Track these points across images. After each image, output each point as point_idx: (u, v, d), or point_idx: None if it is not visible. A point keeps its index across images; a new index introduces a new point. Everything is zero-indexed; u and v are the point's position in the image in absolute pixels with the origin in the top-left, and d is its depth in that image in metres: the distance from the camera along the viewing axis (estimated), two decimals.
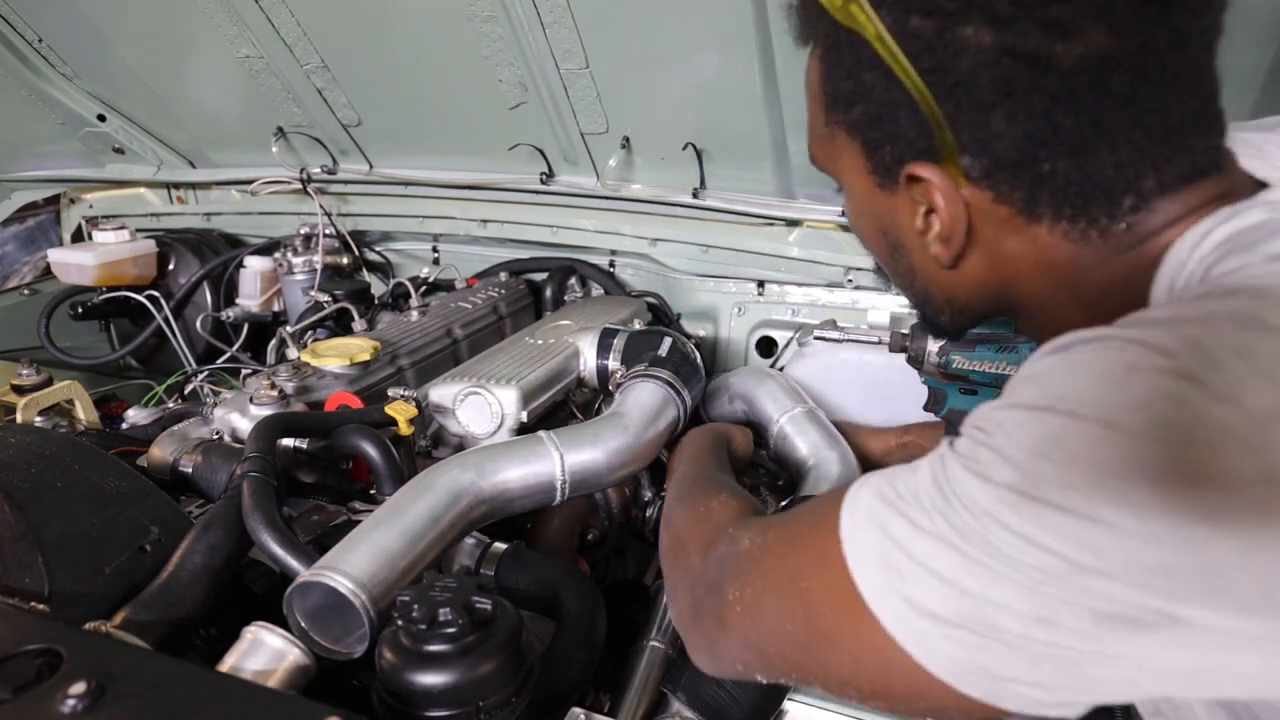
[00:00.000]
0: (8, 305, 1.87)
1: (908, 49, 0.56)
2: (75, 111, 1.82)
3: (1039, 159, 0.57)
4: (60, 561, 0.82)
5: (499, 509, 1.00)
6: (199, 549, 0.89)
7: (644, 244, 1.74)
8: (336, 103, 1.65)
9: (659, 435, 1.14)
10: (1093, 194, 0.57)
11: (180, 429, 1.17)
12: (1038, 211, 0.60)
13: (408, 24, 1.43)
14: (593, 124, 1.51)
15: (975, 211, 0.61)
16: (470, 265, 1.97)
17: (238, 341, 1.82)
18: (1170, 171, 0.57)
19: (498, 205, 1.84)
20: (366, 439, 1.07)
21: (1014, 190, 0.59)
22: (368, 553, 0.82)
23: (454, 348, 1.58)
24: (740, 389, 1.37)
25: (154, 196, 2.12)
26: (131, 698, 0.61)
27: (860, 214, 0.72)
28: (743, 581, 0.64)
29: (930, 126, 0.58)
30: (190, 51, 1.65)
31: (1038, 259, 0.62)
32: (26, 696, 0.61)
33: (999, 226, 0.61)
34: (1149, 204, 0.58)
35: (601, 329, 1.40)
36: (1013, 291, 0.66)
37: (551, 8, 1.29)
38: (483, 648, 0.71)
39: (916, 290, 0.72)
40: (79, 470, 0.92)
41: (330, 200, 1.93)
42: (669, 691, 0.96)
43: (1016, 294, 0.66)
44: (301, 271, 1.83)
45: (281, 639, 0.74)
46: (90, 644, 0.68)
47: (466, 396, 1.22)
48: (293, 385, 1.27)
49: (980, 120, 0.56)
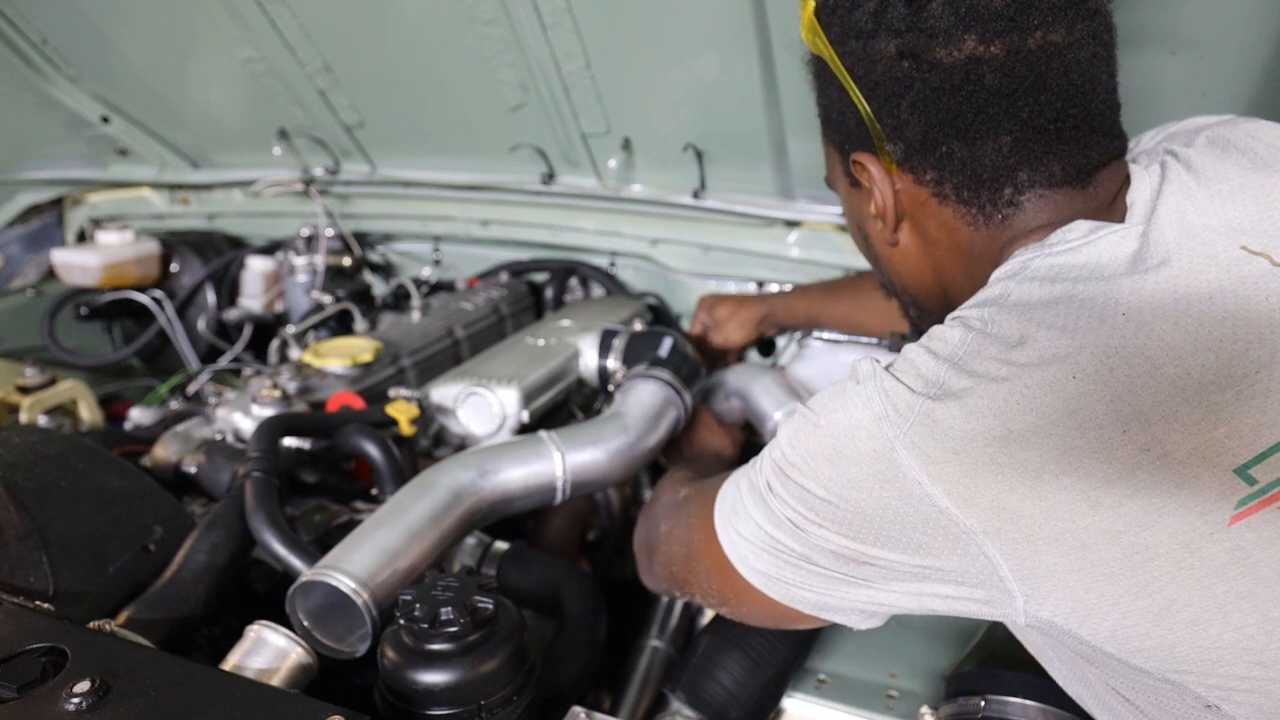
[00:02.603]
0: (13, 306, 1.88)
1: (847, 64, 0.74)
2: (79, 113, 1.83)
3: (939, 141, 0.71)
4: (64, 560, 0.82)
5: (500, 509, 1.00)
6: (202, 548, 0.90)
7: (644, 244, 1.74)
8: (339, 104, 1.66)
9: (660, 435, 1.15)
10: (982, 178, 0.71)
11: (183, 429, 1.18)
12: (945, 192, 0.74)
13: (410, 26, 1.43)
14: (593, 125, 1.51)
15: (904, 195, 0.77)
16: (471, 266, 1.98)
17: (240, 342, 1.83)
18: (1041, 170, 0.70)
19: (499, 206, 1.84)
20: (368, 439, 1.07)
21: (926, 171, 0.74)
22: (370, 552, 0.82)
23: (455, 348, 1.59)
24: (736, 385, 1.37)
25: (157, 198, 2.13)
26: (135, 696, 0.62)
27: (847, 216, 0.89)
28: (669, 521, 0.90)
29: (865, 122, 0.74)
30: (193, 53, 1.66)
31: (950, 240, 0.76)
32: (31, 695, 0.62)
33: (922, 208, 0.76)
34: (1023, 196, 0.71)
35: (602, 329, 1.41)
36: (942, 278, 0.80)
37: (552, 9, 1.30)
38: (484, 647, 0.71)
39: (889, 283, 0.88)
40: (83, 470, 0.92)
41: (332, 201, 1.93)
42: (669, 691, 0.96)
43: (945, 281, 0.80)
44: (304, 272, 1.84)
45: (284, 638, 0.74)
46: (94, 643, 0.68)
47: (468, 396, 1.22)
48: (295, 385, 1.27)
49: (894, 111, 0.72)
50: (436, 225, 1.93)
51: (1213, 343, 0.58)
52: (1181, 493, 0.55)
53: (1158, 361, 0.58)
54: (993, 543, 0.59)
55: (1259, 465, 0.55)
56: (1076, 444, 0.57)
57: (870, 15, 0.71)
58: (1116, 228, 0.66)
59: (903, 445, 0.61)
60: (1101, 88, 0.71)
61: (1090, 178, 0.71)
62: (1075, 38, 0.68)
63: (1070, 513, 0.57)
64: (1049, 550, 0.58)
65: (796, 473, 0.67)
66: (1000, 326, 0.63)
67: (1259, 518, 0.55)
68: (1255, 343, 0.58)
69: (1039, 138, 0.69)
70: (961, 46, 0.67)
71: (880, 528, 0.63)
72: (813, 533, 0.67)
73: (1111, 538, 0.56)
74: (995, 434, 0.58)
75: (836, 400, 0.67)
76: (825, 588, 0.70)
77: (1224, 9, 1.05)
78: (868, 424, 0.63)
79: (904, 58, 0.70)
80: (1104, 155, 0.71)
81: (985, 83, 0.68)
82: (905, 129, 0.72)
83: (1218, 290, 0.61)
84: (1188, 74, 1.13)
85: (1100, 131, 0.71)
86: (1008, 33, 0.67)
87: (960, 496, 0.59)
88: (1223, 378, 0.57)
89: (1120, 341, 0.59)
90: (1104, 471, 0.56)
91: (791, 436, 0.69)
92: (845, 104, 0.76)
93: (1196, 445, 0.56)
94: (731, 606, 0.81)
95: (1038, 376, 0.59)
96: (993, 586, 0.61)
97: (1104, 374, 0.58)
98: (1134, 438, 0.56)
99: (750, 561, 0.74)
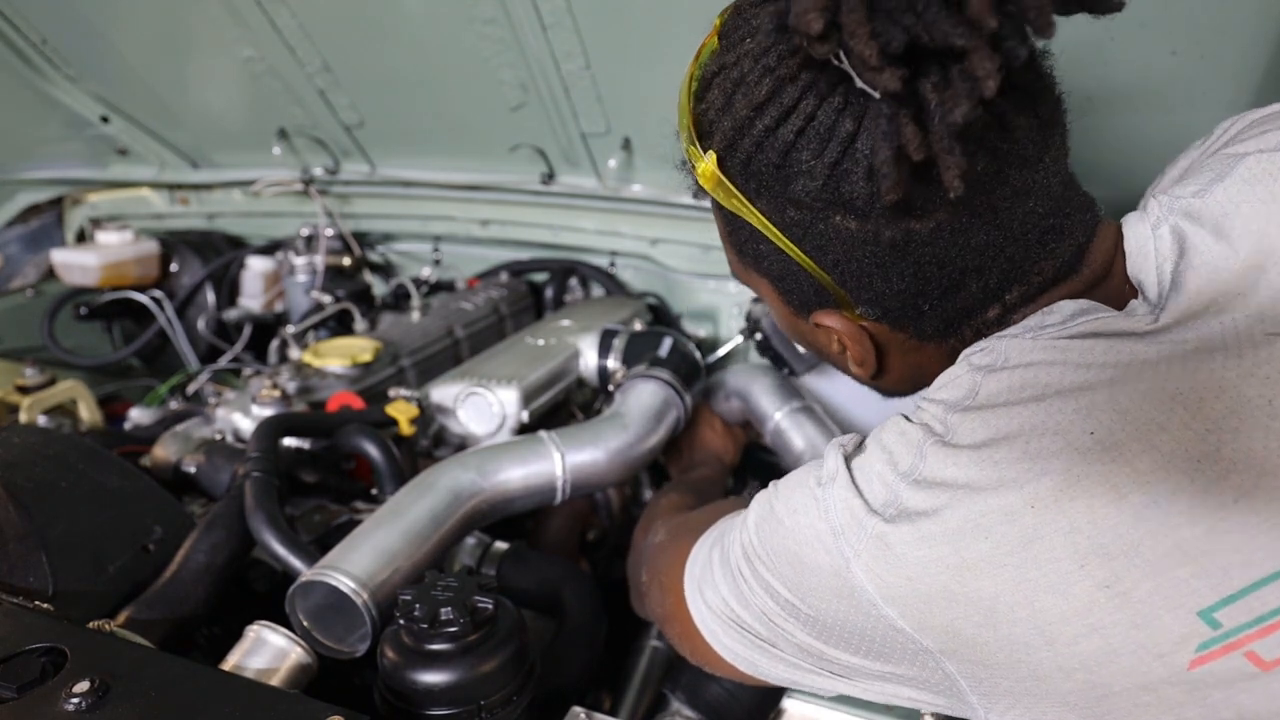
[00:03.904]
0: (12, 306, 1.88)
1: (789, 234, 0.64)
2: (78, 113, 1.83)
3: (920, 303, 0.66)
4: (64, 561, 0.82)
5: (500, 508, 1.00)
6: (202, 548, 0.89)
7: (644, 244, 1.74)
8: (338, 104, 1.66)
9: (660, 435, 1.15)
10: (968, 311, 0.67)
11: (183, 429, 1.18)
12: (926, 333, 0.69)
13: (409, 26, 1.43)
14: (593, 125, 1.51)
15: (879, 337, 0.71)
16: (471, 266, 1.97)
17: (240, 342, 1.83)
18: (1034, 278, 0.65)
19: (499, 206, 1.84)
20: (368, 439, 1.07)
21: (907, 326, 0.69)
22: (369, 552, 0.82)
23: (455, 348, 1.59)
24: (736, 386, 1.37)
25: (157, 197, 2.12)
26: (135, 696, 0.62)
27: (783, 325, 0.80)
28: (649, 570, 0.91)
29: (824, 287, 0.67)
30: (193, 53, 1.66)
31: (941, 363, 0.69)
32: (31, 695, 0.62)
33: (901, 345, 0.71)
34: (1013, 314, 0.66)
35: (602, 329, 1.41)
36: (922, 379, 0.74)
37: (552, 9, 1.30)
38: (484, 647, 0.71)
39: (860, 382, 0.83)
40: (82, 470, 0.92)
41: (332, 201, 1.93)
42: (669, 691, 0.96)
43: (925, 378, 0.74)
44: (303, 272, 1.84)
45: (284, 638, 0.74)
46: (94, 643, 0.68)
47: (467, 396, 1.22)
48: (295, 385, 1.27)
49: (864, 283, 0.65)
50: (436, 225, 1.93)
51: (1189, 466, 0.52)
52: (1140, 634, 0.52)
53: (1122, 490, 0.53)
54: (950, 661, 0.59)
55: (1225, 609, 0.50)
56: (1031, 576, 0.54)
57: (816, 191, 0.60)
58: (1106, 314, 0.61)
59: (858, 565, 0.59)
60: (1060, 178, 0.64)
61: (1082, 261, 0.66)
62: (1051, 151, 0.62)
63: (1025, 645, 0.55)
64: (1005, 675, 0.57)
65: (763, 568, 0.66)
66: (961, 435, 0.59)
67: (1220, 663, 0.50)
68: (1241, 464, 0.52)
69: (1027, 256, 0.64)
70: (937, 215, 0.60)
71: (842, 634, 0.63)
72: (779, 624, 0.67)
73: (1066, 673, 0.54)
74: (949, 562, 0.56)
75: (798, 498, 0.64)
76: (791, 673, 0.70)
77: (1224, 9, 1.05)
78: (826, 537, 0.61)
79: (868, 238, 0.61)
80: (1088, 229, 0.66)
81: (973, 239, 0.61)
82: (880, 299, 0.66)
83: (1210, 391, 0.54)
84: (1188, 74, 1.13)
85: (1080, 209, 0.66)
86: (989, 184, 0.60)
87: (914, 620, 0.58)
88: (1195, 509, 0.51)
89: (1084, 469, 0.54)
90: (1059, 607, 0.53)
91: (759, 526, 0.67)
92: (790, 266, 0.67)
93: (1158, 585, 0.51)
94: (710, 668, 0.80)
95: (994, 504, 0.55)
96: (953, 696, 0.61)
97: (1063, 503, 0.54)
98: (1092, 573, 0.52)
99: (719, 636, 0.73)
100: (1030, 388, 0.58)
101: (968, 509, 0.56)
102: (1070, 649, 0.53)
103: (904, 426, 0.63)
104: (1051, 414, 0.56)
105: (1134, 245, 0.64)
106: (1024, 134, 0.59)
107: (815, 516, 0.62)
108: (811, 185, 0.60)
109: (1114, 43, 1.12)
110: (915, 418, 0.64)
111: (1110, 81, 1.16)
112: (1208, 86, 1.14)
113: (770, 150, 0.60)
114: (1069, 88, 0.66)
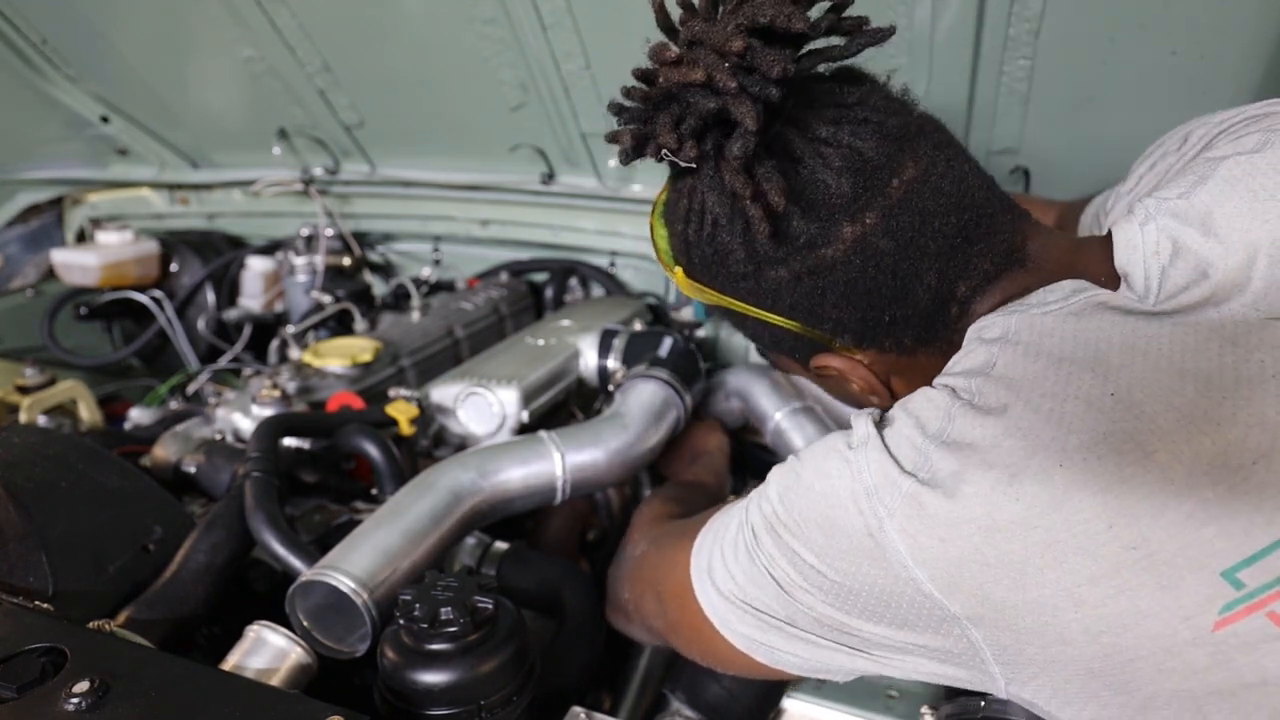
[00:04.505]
0: (12, 306, 1.88)
1: (751, 301, 0.74)
2: (78, 113, 1.83)
3: (879, 316, 0.71)
4: (64, 561, 0.82)
5: (500, 508, 1.00)
6: (202, 548, 0.89)
7: (644, 244, 1.74)
8: (338, 104, 1.66)
9: (660, 435, 1.15)
10: (929, 315, 0.71)
11: (183, 429, 1.18)
12: (905, 345, 0.73)
13: (409, 26, 1.43)
14: (593, 124, 1.51)
15: (874, 365, 0.76)
16: (471, 266, 1.98)
17: (240, 342, 1.83)
18: (975, 273, 0.70)
19: (499, 206, 1.84)
20: (368, 439, 1.07)
21: (883, 341, 0.73)
22: (369, 552, 0.82)
23: (455, 348, 1.59)
24: (736, 386, 1.37)
25: (156, 197, 2.13)
26: (135, 696, 0.62)
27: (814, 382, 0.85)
28: (633, 586, 0.90)
29: (803, 335, 0.75)
30: (193, 53, 1.66)
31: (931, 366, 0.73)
32: (31, 695, 0.62)
33: (895, 365, 0.76)
34: (970, 303, 0.71)
35: (602, 329, 1.41)
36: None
37: (552, 9, 1.30)
38: (484, 647, 0.71)
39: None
40: (82, 470, 0.92)
41: (332, 201, 1.93)
42: (669, 691, 0.96)
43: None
44: (303, 272, 1.84)
45: (284, 638, 0.74)
46: (94, 643, 0.68)
47: (467, 396, 1.22)
48: (295, 385, 1.27)
49: (823, 315, 0.72)
50: (436, 225, 1.94)
51: (1209, 427, 0.55)
52: (1166, 596, 0.53)
53: (1148, 447, 0.55)
54: (976, 628, 0.59)
55: (1247, 569, 0.52)
56: (1061, 538, 0.55)
57: (743, 260, 0.71)
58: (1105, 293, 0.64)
59: (892, 524, 0.60)
60: (974, 177, 0.71)
61: (1023, 253, 0.71)
62: (925, 160, 0.68)
63: (1053, 607, 0.55)
64: (1031, 640, 0.57)
65: (789, 535, 0.66)
66: (986, 398, 0.61)
67: (1244, 624, 0.52)
68: (1257, 427, 0.54)
69: (955, 253, 0.69)
70: (842, 237, 0.68)
71: (867, 602, 0.63)
72: (799, 598, 0.66)
73: (1092, 636, 0.55)
74: (981, 523, 0.57)
75: (831, 463, 0.65)
76: (809, 652, 0.69)
77: (1224, 9, 1.05)
78: (861, 498, 0.62)
79: (800, 278, 0.70)
80: (1021, 230, 0.71)
81: (882, 248, 0.67)
82: (845, 325, 0.72)
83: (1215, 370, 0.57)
84: (1188, 74, 1.14)
85: (1003, 211, 0.71)
86: (870, 200, 0.67)
87: (944, 583, 0.59)
88: (1215, 469, 0.54)
89: (1109, 427, 0.56)
90: (1089, 569, 0.54)
91: (783, 494, 0.68)
92: (772, 329, 0.76)
93: (1183, 545, 0.53)
94: (722, 667, 0.80)
95: (1024, 465, 0.57)
96: (975, 668, 0.62)
97: (1091, 462, 0.55)
98: (1119, 534, 0.54)
99: (732, 624, 0.73)
100: (1046, 355, 0.61)
101: (999, 472, 0.57)
102: (1097, 611, 0.54)
103: (930, 394, 0.65)
104: (1071, 379, 0.59)
105: (1121, 240, 0.66)
106: (876, 149, 0.67)
107: (849, 479, 0.63)
108: (739, 257, 0.71)
109: (1115, 43, 1.12)
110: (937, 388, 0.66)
111: (1111, 81, 1.16)
112: (1208, 86, 1.14)
113: (703, 247, 0.73)
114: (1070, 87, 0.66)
